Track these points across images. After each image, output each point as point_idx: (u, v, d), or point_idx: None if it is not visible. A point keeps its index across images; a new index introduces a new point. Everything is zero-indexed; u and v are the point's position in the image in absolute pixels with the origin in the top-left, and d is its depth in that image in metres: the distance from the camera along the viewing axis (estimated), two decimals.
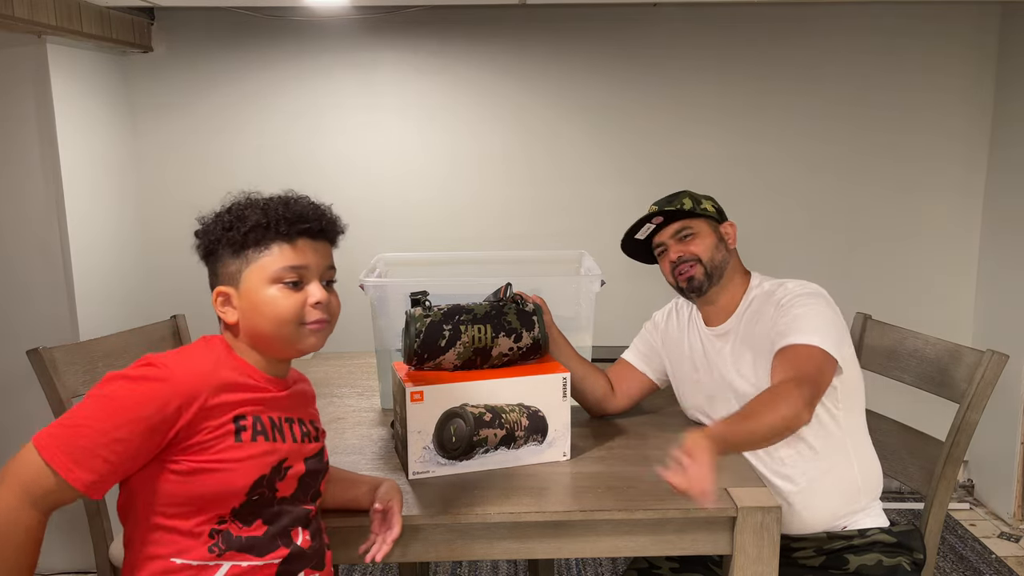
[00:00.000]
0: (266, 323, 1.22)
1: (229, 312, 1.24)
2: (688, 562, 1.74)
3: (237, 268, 1.23)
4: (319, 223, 1.25)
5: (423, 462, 1.54)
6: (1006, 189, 3.10)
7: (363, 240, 3.12)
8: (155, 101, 3.09)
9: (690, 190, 1.82)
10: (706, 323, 1.82)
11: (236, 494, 1.18)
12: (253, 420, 1.20)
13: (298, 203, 1.25)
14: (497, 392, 1.57)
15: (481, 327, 1.62)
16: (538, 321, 1.67)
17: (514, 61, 3.11)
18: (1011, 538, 2.98)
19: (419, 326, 1.59)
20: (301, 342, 1.24)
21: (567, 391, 1.61)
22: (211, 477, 1.15)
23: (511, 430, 1.57)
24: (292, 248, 1.22)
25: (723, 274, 1.76)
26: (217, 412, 1.16)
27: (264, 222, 1.21)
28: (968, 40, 3.11)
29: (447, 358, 1.60)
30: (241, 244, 1.22)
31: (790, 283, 1.73)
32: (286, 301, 1.21)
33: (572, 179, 3.19)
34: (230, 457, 1.16)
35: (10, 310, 2.63)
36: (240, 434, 1.18)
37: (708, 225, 1.78)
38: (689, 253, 1.75)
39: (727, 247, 1.78)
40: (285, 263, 1.22)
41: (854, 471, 1.69)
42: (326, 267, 1.27)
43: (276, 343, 1.24)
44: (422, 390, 1.52)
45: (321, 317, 1.24)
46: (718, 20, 3.10)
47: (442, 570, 2.80)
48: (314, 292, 1.24)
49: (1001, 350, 1.71)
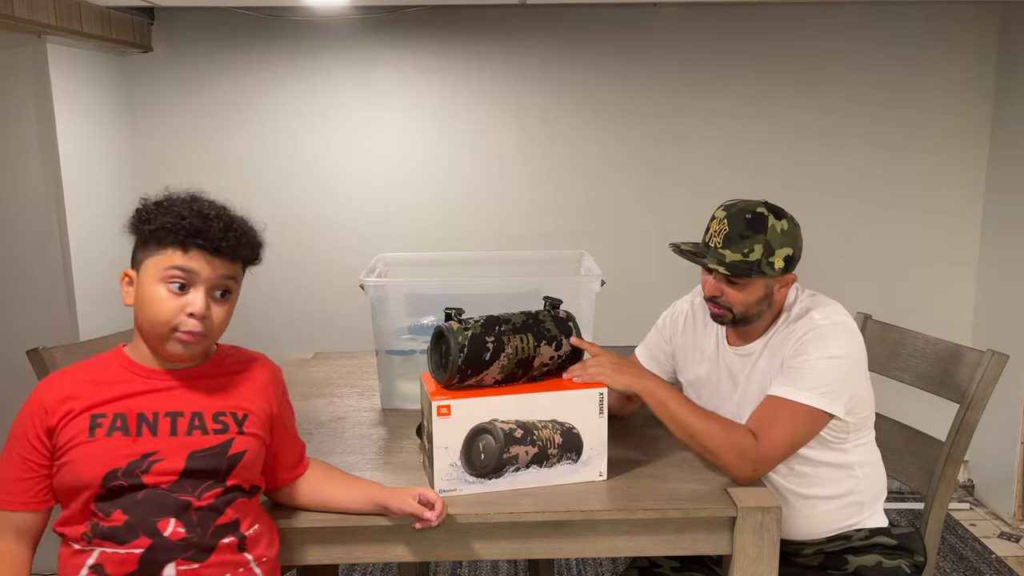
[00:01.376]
0: (143, 318, 1.29)
1: (128, 293, 1.31)
2: (689, 560, 1.74)
3: (141, 256, 1.30)
4: (218, 242, 1.28)
5: (450, 479, 1.47)
6: (1006, 189, 3.10)
7: (363, 240, 3.14)
8: (155, 101, 3.09)
9: (771, 219, 1.56)
10: (729, 341, 1.73)
11: (88, 485, 1.24)
12: (113, 416, 1.27)
13: (207, 218, 1.29)
14: (529, 407, 1.49)
15: (523, 337, 1.54)
16: (574, 327, 1.61)
17: (514, 61, 3.11)
18: (1011, 538, 2.98)
19: (461, 340, 1.49)
20: (168, 346, 1.29)
21: (604, 407, 1.52)
22: (68, 469, 1.25)
23: (543, 448, 1.49)
24: (185, 254, 1.27)
25: (758, 318, 1.64)
26: (76, 412, 1.26)
27: (169, 224, 1.27)
28: (968, 40, 3.11)
29: (490, 372, 1.51)
30: (147, 236, 1.29)
31: (815, 314, 1.59)
32: (165, 304, 1.26)
33: (572, 179, 3.19)
34: (83, 451, 1.25)
35: (10, 310, 2.63)
36: (94, 430, 1.25)
37: (764, 281, 1.58)
38: (725, 299, 1.60)
39: (771, 301, 1.62)
40: (172, 263, 1.27)
41: (857, 481, 1.67)
42: (219, 276, 1.29)
43: (149, 339, 1.30)
44: (449, 404, 1.45)
45: (194, 328, 1.27)
46: (718, 20, 3.10)
47: (442, 570, 2.80)
48: (194, 301, 1.27)
49: (1001, 350, 1.71)
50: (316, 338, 3.09)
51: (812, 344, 1.55)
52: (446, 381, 1.51)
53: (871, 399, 1.67)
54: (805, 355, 1.55)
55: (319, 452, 1.65)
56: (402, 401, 1.95)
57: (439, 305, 1.64)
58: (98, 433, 1.25)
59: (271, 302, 3.15)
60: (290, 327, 3.19)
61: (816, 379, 1.52)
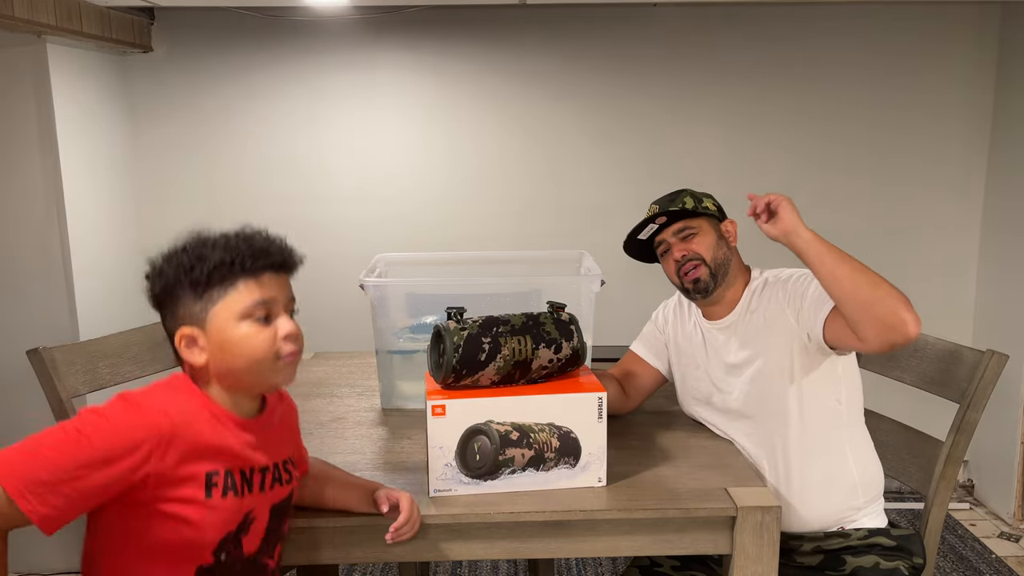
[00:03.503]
0: (240, 361, 1.19)
1: (196, 353, 1.20)
2: (689, 559, 1.75)
3: (201, 308, 1.18)
4: (281, 256, 1.23)
5: (445, 479, 1.47)
6: (1006, 189, 3.10)
7: (363, 240, 3.14)
8: (155, 101, 3.09)
9: (690, 189, 1.82)
10: (707, 317, 1.82)
11: (203, 548, 1.17)
12: (225, 474, 1.18)
13: (259, 238, 1.23)
14: (526, 410, 1.48)
15: (521, 339, 1.53)
16: (576, 330, 1.61)
17: (514, 61, 3.11)
18: (1011, 538, 2.98)
19: (457, 340, 1.49)
20: (276, 376, 1.23)
21: (603, 412, 1.50)
22: (182, 527, 1.15)
23: (540, 451, 1.48)
24: (257, 283, 1.20)
25: (727, 272, 1.76)
26: (191, 459, 1.15)
27: (228, 259, 1.18)
28: (968, 40, 3.11)
29: (486, 373, 1.51)
30: (205, 284, 1.18)
31: (788, 269, 1.76)
32: (259, 337, 1.19)
33: (572, 179, 3.19)
34: (200, 511, 1.16)
35: (10, 310, 2.63)
36: (211, 490, 1.17)
37: (709, 223, 1.77)
38: (692, 252, 1.74)
39: (728, 245, 1.78)
40: (253, 299, 1.19)
41: (849, 464, 1.70)
42: (289, 298, 1.25)
43: (249, 380, 1.22)
44: (444, 404, 1.45)
45: (294, 349, 1.23)
46: (718, 20, 3.10)
47: (442, 570, 2.80)
48: (284, 325, 1.22)
49: (1001, 350, 1.71)
50: (316, 338, 3.07)
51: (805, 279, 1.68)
52: (442, 380, 1.51)
53: (856, 367, 1.75)
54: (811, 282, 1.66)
55: (319, 452, 1.65)
56: (402, 401, 1.95)
57: (439, 305, 1.64)
58: (215, 493, 1.16)
59: None
60: None
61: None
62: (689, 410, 1.86)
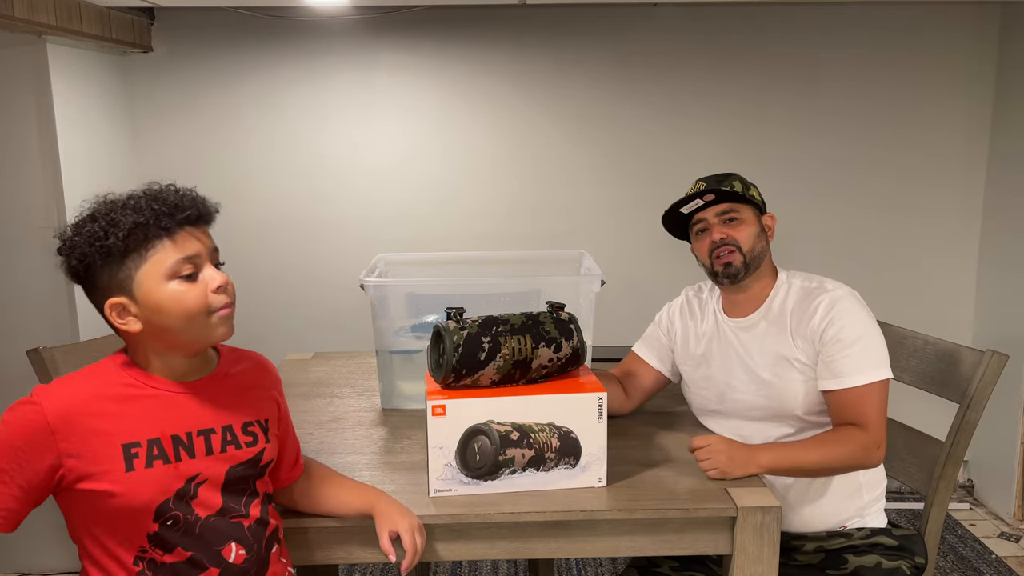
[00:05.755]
0: (175, 321, 1.17)
1: (131, 322, 1.18)
2: (689, 560, 1.74)
3: (125, 275, 1.16)
4: (195, 208, 1.21)
5: (445, 479, 1.47)
6: (1006, 189, 3.10)
7: (363, 240, 3.14)
8: (155, 101, 3.09)
9: (740, 174, 1.78)
10: (728, 314, 1.79)
11: (142, 517, 1.16)
12: (148, 444, 1.17)
13: (169, 193, 1.20)
14: (526, 410, 1.48)
15: (520, 338, 1.52)
16: (576, 329, 1.60)
17: (514, 61, 3.11)
18: (1011, 538, 2.98)
19: (456, 339, 1.49)
20: (213, 331, 1.21)
21: (603, 412, 1.49)
22: (109, 501, 1.14)
23: (540, 451, 1.47)
24: (177, 240, 1.18)
25: (759, 266, 1.74)
26: (94, 439, 1.14)
27: (143, 221, 1.15)
28: (968, 40, 3.11)
29: (486, 373, 1.50)
30: (123, 250, 1.15)
31: (828, 283, 1.71)
32: (189, 294, 1.17)
33: (572, 179, 3.19)
34: (122, 486, 1.14)
35: (10, 310, 2.64)
36: (132, 461, 1.15)
37: (753, 213, 1.75)
38: (731, 237, 1.71)
39: (767, 239, 1.77)
40: (176, 256, 1.17)
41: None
42: (212, 249, 1.23)
43: (186, 339, 1.20)
44: (444, 404, 1.45)
45: (227, 300, 1.21)
46: (717, 20, 3.10)
47: (442, 570, 2.80)
48: (213, 277, 1.20)
49: (1001, 350, 1.71)
50: (316, 338, 3.09)
51: (846, 317, 1.64)
52: (441, 380, 1.51)
53: None
54: (843, 329, 1.63)
55: (319, 452, 1.65)
56: (402, 401, 1.95)
57: (439, 305, 1.65)
58: (136, 464, 1.15)
59: (271, 302, 3.15)
60: (290, 327, 3.19)
61: (870, 357, 1.64)
62: (698, 410, 1.84)
